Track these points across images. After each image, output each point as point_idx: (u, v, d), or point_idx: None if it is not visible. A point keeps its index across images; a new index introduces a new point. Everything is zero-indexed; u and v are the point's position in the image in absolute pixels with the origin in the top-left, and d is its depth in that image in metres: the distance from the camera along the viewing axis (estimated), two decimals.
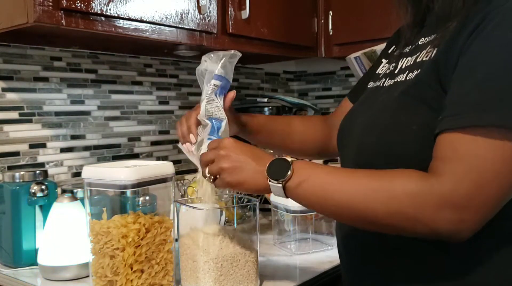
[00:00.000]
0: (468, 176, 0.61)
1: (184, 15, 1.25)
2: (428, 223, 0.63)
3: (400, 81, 0.76)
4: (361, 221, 0.69)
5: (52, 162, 1.39)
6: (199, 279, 0.92)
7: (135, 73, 1.60)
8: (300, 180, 0.72)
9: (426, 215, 0.62)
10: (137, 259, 0.89)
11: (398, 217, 0.64)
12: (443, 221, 0.62)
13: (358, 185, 0.67)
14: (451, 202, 0.61)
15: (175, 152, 1.72)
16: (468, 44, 0.65)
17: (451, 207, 0.61)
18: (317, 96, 2.19)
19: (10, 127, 1.31)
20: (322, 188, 0.70)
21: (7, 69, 1.30)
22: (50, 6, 0.99)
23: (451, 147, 0.63)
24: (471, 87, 0.62)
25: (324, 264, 1.12)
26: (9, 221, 1.10)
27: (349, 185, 0.68)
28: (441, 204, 0.61)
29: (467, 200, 0.61)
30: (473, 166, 0.61)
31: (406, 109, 0.71)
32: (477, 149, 0.61)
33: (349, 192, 0.68)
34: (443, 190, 0.61)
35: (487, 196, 0.61)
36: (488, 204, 0.61)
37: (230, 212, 1.24)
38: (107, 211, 0.92)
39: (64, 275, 1.04)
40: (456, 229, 0.62)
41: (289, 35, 1.62)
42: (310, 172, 0.72)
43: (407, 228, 0.65)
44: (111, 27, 1.11)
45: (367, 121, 0.79)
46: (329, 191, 0.70)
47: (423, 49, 0.75)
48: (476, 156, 0.61)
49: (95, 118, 1.49)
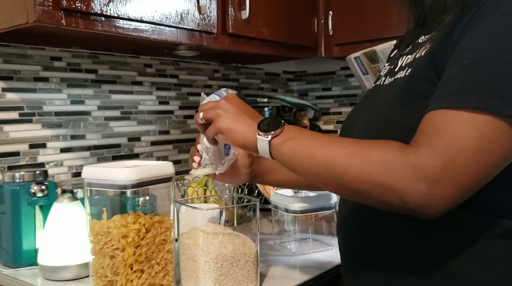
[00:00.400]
0: (445, 150, 0.61)
1: (184, 15, 1.25)
2: (399, 192, 0.63)
3: (399, 78, 0.77)
4: (337, 184, 0.69)
5: (52, 162, 1.39)
6: (199, 279, 0.92)
7: (135, 73, 1.60)
8: (287, 138, 0.73)
9: (398, 184, 0.63)
10: (137, 259, 0.89)
11: (372, 183, 0.64)
12: (414, 192, 0.62)
13: (339, 148, 0.68)
14: (424, 173, 0.61)
15: (175, 152, 1.72)
16: (462, 35, 0.66)
17: (423, 179, 0.61)
18: (317, 96, 2.19)
19: (10, 127, 1.31)
20: (306, 146, 0.72)
21: (7, 69, 1.30)
22: (50, 6, 0.99)
23: (433, 122, 0.64)
24: (457, 72, 0.64)
25: (324, 264, 1.12)
26: (9, 221, 1.10)
27: (331, 147, 0.69)
28: (414, 175, 0.62)
29: (440, 173, 0.61)
30: (451, 141, 0.61)
31: (404, 104, 0.72)
32: (457, 126, 0.61)
33: (329, 153, 0.69)
34: (418, 161, 0.62)
35: (461, 172, 0.61)
36: (462, 181, 0.61)
37: (230, 212, 1.24)
38: (107, 211, 0.92)
39: (64, 275, 1.04)
40: (426, 201, 0.62)
41: (289, 35, 1.62)
42: (298, 132, 0.74)
43: (378, 196, 0.65)
44: (111, 27, 1.11)
45: (367, 118, 0.80)
46: (311, 150, 0.71)
47: (422, 46, 0.76)
48: (455, 132, 0.61)
49: (95, 118, 1.49)
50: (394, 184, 0.63)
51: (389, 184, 0.63)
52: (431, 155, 0.61)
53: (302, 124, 1.96)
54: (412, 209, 0.64)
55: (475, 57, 0.63)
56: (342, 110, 2.11)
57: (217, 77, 1.87)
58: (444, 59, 0.67)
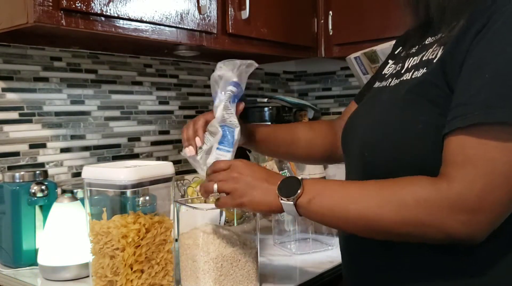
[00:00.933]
0: (478, 179, 0.61)
1: (184, 15, 1.25)
2: (441, 228, 0.63)
3: (405, 80, 0.76)
4: (376, 232, 0.69)
5: (52, 162, 1.39)
6: (199, 279, 0.92)
7: (135, 73, 1.60)
8: (312, 196, 0.73)
9: (439, 219, 0.63)
10: (137, 259, 0.89)
11: (412, 224, 0.65)
12: (456, 225, 0.62)
13: (370, 197, 0.68)
14: (462, 205, 0.62)
15: (175, 152, 1.72)
16: (475, 44, 0.65)
17: (463, 210, 0.62)
18: (317, 96, 2.18)
19: (10, 127, 1.31)
20: (334, 202, 0.71)
21: (7, 69, 1.30)
22: (50, 6, 0.99)
23: (461, 151, 0.63)
24: (479, 87, 0.63)
25: (324, 264, 1.12)
26: (9, 221, 1.10)
27: (361, 197, 0.69)
28: (453, 208, 0.62)
29: (478, 202, 0.61)
30: (483, 169, 0.61)
31: (412, 107, 0.71)
32: (487, 152, 0.61)
33: (361, 204, 0.68)
34: (454, 194, 0.62)
35: (498, 198, 0.61)
36: (500, 206, 0.62)
37: (230, 212, 1.24)
38: (107, 211, 0.92)
39: (64, 275, 1.04)
40: (470, 231, 0.63)
41: (289, 35, 1.62)
42: (321, 187, 0.74)
43: (422, 235, 0.66)
44: (111, 27, 1.11)
45: (371, 119, 0.79)
46: (342, 204, 0.70)
47: (429, 48, 0.75)
48: (486, 160, 0.61)
49: (95, 118, 1.49)
50: (436, 221, 0.63)
51: (430, 222, 0.64)
52: (466, 187, 0.62)
53: None
54: (458, 240, 0.64)
55: (497, 70, 0.62)
56: (342, 110, 2.09)
57: None
58: (454, 67, 0.67)
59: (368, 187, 0.70)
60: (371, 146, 0.76)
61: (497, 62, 0.62)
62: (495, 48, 0.63)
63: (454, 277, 0.70)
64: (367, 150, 0.77)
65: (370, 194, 0.68)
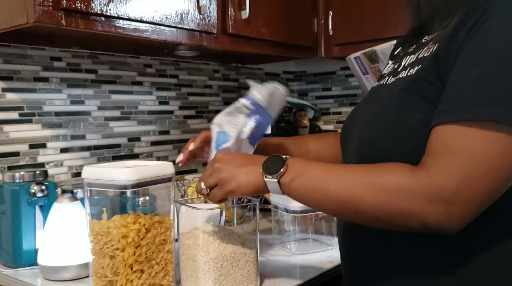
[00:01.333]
0: (457, 170, 0.61)
1: (184, 15, 1.25)
2: (417, 216, 0.64)
3: (401, 78, 0.77)
4: (355, 215, 0.70)
5: (52, 162, 1.39)
6: (199, 279, 0.92)
7: (135, 73, 1.60)
8: (295, 175, 0.73)
9: (415, 208, 0.63)
10: (137, 259, 0.89)
11: (389, 210, 0.65)
12: (432, 214, 0.63)
13: (351, 180, 0.69)
14: (440, 195, 0.62)
15: (175, 152, 1.72)
16: (467, 41, 0.65)
17: (440, 200, 0.62)
18: (317, 96, 2.18)
19: (10, 127, 1.31)
20: (317, 182, 0.72)
21: (7, 69, 1.30)
22: (50, 6, 0.99)
23: (443, 141, 0.64)
24: (467, 83, 0.63)
25: (324, 264, 1.12)
26: (9, 221, 1.10)
27: (343, 180, 0.69)
28: (430, 197, 0.62)
29: (456, 194, 0.61)
30: (462, 161, 0.61)
31: (407, 105, 0.72)
32: (469, 144, 0.61)
33: (342, 187, 0.69)
34: (432, 184, 0.62)
35: (476, 190, 0.61)
36: (478, 198, 0.62)
37: (230, 212, 1.24)
38: (107, 211, 0.92)
39: (64, 275, 1.04)
40: (445, 222, 0.63)
41: (289, 35, 1.62)
42: (304, 166, 0.74)
43: (398, 222, 0.66)
44: (111, 27, 1.11)
45: (368, 117, 0.79)
46: (323, 185, 0.71)
47: (425, 46, 0.76)
48: (466, 151, 0.61)
49: (95, 118, 1.49)
50: (412, 208, 0.63)
51: (406, 209, 0.64)
52: (445, 177, 0.62)
53: (302, 124, 1.96)
54: (434, 230, 0.64)
55: (485, 67, 0.62)
56: (342, 110, 2.11)
57: (217, 77, 1.87)
58: (447, 63, 0.67)
59: (350, 170, 0.71)
60: (367, 144, 0.77)
61: (485, 59, 0.63)
62: (485, 45, 0.64)
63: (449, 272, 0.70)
64: (363, 147, 0.78)
65: (351, 177, 0.69)
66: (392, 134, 0.72)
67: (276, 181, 0.74)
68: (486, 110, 0.61)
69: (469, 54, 0.64)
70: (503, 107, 0.60)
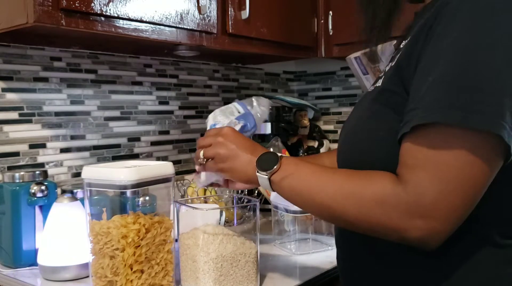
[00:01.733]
0: (431, 184, 0.61)
1: (184, 15, 1.25)
2: (397, 230, 0.64)
3: (376, 87, 0.77)
4: (338, 222, 0.73)
5: (52, 162, 1.39)
6: (199, 279, 0.92)
7: (135, 73, 1.60)
8: (285, 175, 0.75)
9: (394, 222, 0.63)
10: (137, 259, 0.89)
11: (371, 222, 0.65)
12: (412, 229, 0.62)
13: (335, 187, 0.69)
14: (418, 211, 0.61)
15: (175, 152, 1.72)
16: (424, 46, 0.65)
17: (418, 216, 0.61)
18: (317, 96, 2.18)
19: (10, 127, 1.31)
20: (303, 186, 0.73)
21: (7, 69, 1.30)
22: (50, 6, 0.99)
23: (410, 153, 0.63)
24: (424, 91, 0.62)
25: (324, 264, 1.12)
26: (9, 221, 1.10)
27: (328, 187, 0.70)
28: (409, 213, 0.62)
29: (433, 209, 0.61)
30: (435, 173, 0.61)
31: (376, 116, 0.72)
32: (436, 156, 0.61)
33: (327, 194, 0.70)
34: (409, 199, 0.62)
35: (453, 203, 0.61)
36: (455, 211, 0.61)
37: (230, 212, 1.24)
38: (107, 212, 0.92)
39: (64, 275, 1.04)
40: (425, 236, 0.62)
41: (289, 35, 1.62)
42: (295, 168, 0.75)
43: (380, 234, 0.67)
44: (111, 27, 1.10)
45: (349, 127, 0.80)
46: (310, 190, 0.72)
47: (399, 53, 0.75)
48: (436, 164, 0.61)
49: (95, 118, 1.49)
50: (391, 223, 0.64)
51: (386, 223, 0.64)
52: (420, 193, 0.61)
53: (302, 124, 1.96)
54: (413, 244, 0.64)
55: (440, 73, 0.61)
56: (342, 110, 2.10)
57: (217, 77, 1.87)
58: (409, 71, 0.66)
59: (337, 177, 0.71)
60: (344, 154, 0.79)
61: (439, 63, 0.62)
62: (439, 51, 0.62)
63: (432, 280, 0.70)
64: (342, 158, 0.80)
65: (337, 184, 0.69)
66: (364, 144, 0.73)
67: (267, 178, 0.76)
68: (444, 115, 0.60)
69: (425, 60, 0.64)
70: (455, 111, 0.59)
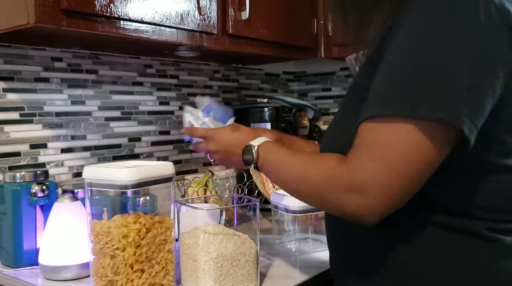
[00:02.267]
0: (369, 161, 0.64)
1: (184, 16, 1.25)
2: (338, 206, 0.68)
3: None
4: (300, 199, 0.80)
5: (53, 162, 1.40)
6: (199, 279, 0.92)
7: (136, 73, 1.60)
8: (262, 162, 0.86)
9: (334, 197, 0.68)
10: (138, 259, 0.89)
11: (317, 198, 0.73)
12: (350, 204, 0.66)
13: (296, 170, 0.77)
14: (353, 186, 0.65)
15: (176, 152, 1.72)
16: (388, 43, 0.67)
17: (355, 191, 0.65)
18: (316, 97, 2.19)
19: (11, 127, 1.31)
20: (273, 171, 0.85)
21: (8, 70, 1.30)
22: (51, 7, 0.99)
23: (360, 136, 0.67)
24: (378, 82, 0.67)
25: (324, 264, 1.13)
26: (10, 221, 1.10)
27: (290, 169, 0.79)
28: (346, 188, 0.66)
29: (367, 184, 0.64)
30: (376, 153, 0.64)
31: (347, 111, 0.77)
32: (380, 137, 0.64)
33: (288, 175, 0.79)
34: (348, 176, 0.66)
35: (388, 181, 0.63)
36: (390, 188, 0.64)
37: (230, 212, 1.24)
38: (107, 211, 0.92)
39: (64, 275, 1.04)
40: (360, 211, 0.66)
41: (289, 36, 1.62)
42: (265, 155, 0.86)
43: (326, 208, 0.76)
44: (112, 28, 1.11)
45: (328, 128, 0.87)
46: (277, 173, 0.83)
47: None
48: (378, 143, 0.64)
49: (96, 119, 1.49)
50: (331, 198, 0.69)
51: (328, 199, 0.70)
52: (358, 168, 0.65)
53: (302, 124, 1.96)
54: (351, 219, 0.68)
55: (390, 66, 0.66)
56: None
57: (217, 78, 1.88)
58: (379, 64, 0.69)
59: (298, 159, 0.79)
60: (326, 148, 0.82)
61: (392, 59, 0.66)
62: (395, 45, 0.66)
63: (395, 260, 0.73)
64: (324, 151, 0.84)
65: (297, 167, 0.77)
66: (335, 141, 0.78)
67: (254, 167, 0.88)
68: (390, 105, 0.64)
69: (386, 55, 0.67)
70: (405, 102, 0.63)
